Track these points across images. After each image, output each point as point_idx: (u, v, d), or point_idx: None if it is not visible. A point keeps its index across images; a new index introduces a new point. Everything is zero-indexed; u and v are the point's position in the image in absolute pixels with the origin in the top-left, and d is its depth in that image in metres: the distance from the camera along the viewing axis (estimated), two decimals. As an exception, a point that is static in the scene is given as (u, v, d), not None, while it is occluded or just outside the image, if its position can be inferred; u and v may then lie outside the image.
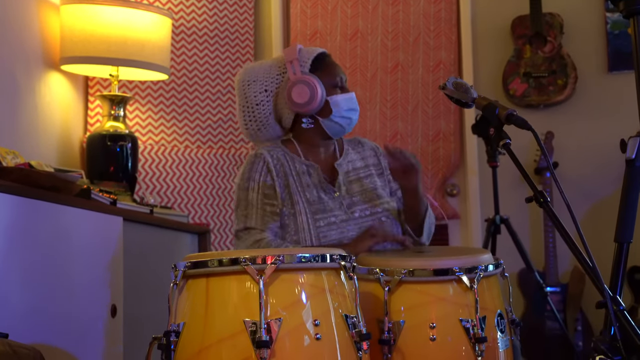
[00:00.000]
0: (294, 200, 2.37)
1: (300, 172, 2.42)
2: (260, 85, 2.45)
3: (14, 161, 2.74)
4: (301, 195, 2.38)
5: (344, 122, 2.44)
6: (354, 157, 2.53)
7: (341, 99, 2.42)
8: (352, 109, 2.45)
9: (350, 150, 2.55)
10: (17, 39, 3.12)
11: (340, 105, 2.42)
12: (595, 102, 4.03)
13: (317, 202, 2.37)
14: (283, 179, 2.39)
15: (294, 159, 2.44)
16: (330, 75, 2.44)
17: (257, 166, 2.40)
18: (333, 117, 2.42)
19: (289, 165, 2.43)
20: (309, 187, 2.39)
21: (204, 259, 1.80)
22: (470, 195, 4.08)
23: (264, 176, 2.39)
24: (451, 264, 1.99)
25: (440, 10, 4.14)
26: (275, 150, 2.45)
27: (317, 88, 2.38)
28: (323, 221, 2.35)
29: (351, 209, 2.40)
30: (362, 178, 2.49)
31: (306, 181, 2.41)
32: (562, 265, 3.88)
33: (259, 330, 1.68)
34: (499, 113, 1.99)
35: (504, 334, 2.03)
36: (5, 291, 2.11)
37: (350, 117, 2.44)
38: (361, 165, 2.52)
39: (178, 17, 3.94)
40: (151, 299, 2.90)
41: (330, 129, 2.44)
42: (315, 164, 2.44)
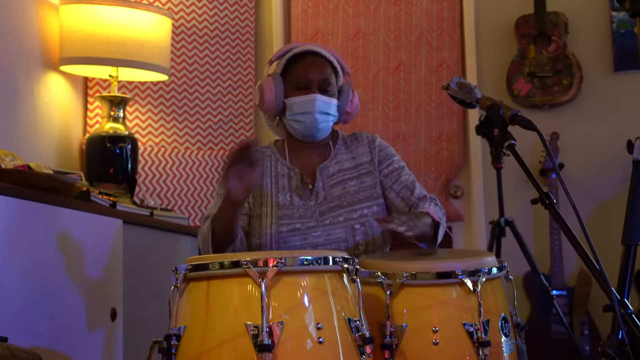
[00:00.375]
0: (263, 201, 2.37)
1: (280, 174, 2.42)
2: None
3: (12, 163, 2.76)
4: (272, 197, 2.37)
5: (298, 126, 2.40)
6: (343, 158, 2.48)
7: (295, 101, 2.38)
8: (304, 112, 2.38)
9: (342, 149, 2.50)
10: (15, 39, 3.12)
11: (293, 108, 2.39)
12: (601, 103, 4.01)
13: (286, 207, 2.36)
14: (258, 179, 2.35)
15: (277, 160, 2.45)
16: (296, 77, 2.40)
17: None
18: (287, 120, 2.42)
19: (271, 166, 2.44)
20: (283, 190, 2.38)
21: (205, 261, 1.80)
22: (474, 197, 4.06)
23: None
24: (454, 267, 1.97)
25: (443, 10, 4.12)
26: (262, 151, 2.46)
27: (265, 90, 2.38)
28: (286, 227, 2.34)
29: (323, 216, 2.36)
30: (347, 180, 2.43)
31: (282, 184, 2.40)
32: (568, 267, 3.87)
33: (260, 334, 1.68)
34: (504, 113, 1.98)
35: (509, 338, 2.00)
36: (4, 294, 2.12)
37: (302, 121, 2.38)
38: (350, 165, 2.47)
39: (178, 17, 3.93)
40: (151, 302, 2.91)
41: (292, 131, 2.44)
42: (296, 168, 2.43)
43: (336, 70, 2.46)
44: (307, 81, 2.39)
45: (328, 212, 2.37)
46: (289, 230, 2.33)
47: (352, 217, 2.37)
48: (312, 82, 2.39)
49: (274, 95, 2.38)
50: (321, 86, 2.40)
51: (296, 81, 2.39)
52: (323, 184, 2.41)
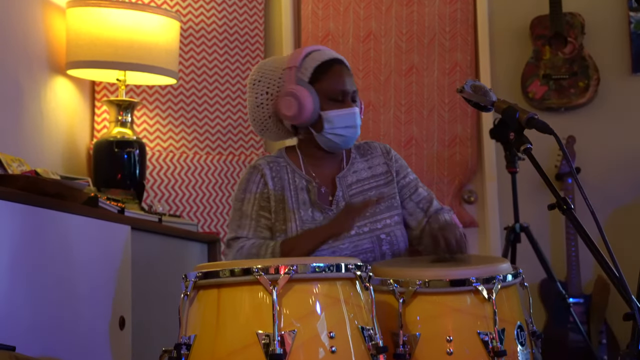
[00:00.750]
0: (287, 217, 2.33)
1: (298, 187, 2.37)
2: (263, 85, 2.40)
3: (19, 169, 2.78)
4: (295, 212, 2.33)
5: (337, 140, 2.34)
6: (360, 167, 2.45)
7: (335, 115, 2.32)
8: (348, 127, 2.33)
9: (357, 158, 2.47)
10: (21, 43, 3.12)
11: (334, 121, 2.32)
12: (619, 105, 3.98)
13: (309, 222, 2.32)
14: (280, 192, 2.35)
15: (294, 172, 2.40)
16: (330, 88, 2.33)
17: (254, 177, 2.38)
18: (325, 133, 2.33)
19: (289, 179, 2.38)
20: (304, 205, 2.34)
21: (215, 269, 1.80)
22: (488, 202, 4.03)
23: (260, 187, 2.36)
24: (468, 274, 1.96)
25: (456, 11, 4.09)
26: (277, 161, 2.41)
27: (305, 102, 2.29)
28: None
29: None
30: (366, 190, 2.41)
31: (303, 198, 2.36)
32: (585, 274, 3.84)
33: (272, 343, 1.67)
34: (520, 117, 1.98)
35: (525, 347, 1.99)
36: (11, 302, 2.12)
37: (344, 135, 2.34)
38: (367, 175, 2.44)
39: (186, 19, 3.91)
40: (160, 309, 2.91)
41: (324, 144, 2.37)
42: (314, 181, 2.38)
43: None
44: (344, 93, 2.34)
45: None
46: None
47: (377, 227, 2.35)
48: (347, 94, 2.35)
49: (312, 108, 2.30)
50: (353, 98, 2.37)
51: (331, 93, 2.33)
52: (343, 193, 2.38)
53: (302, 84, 2.32)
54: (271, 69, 2.41)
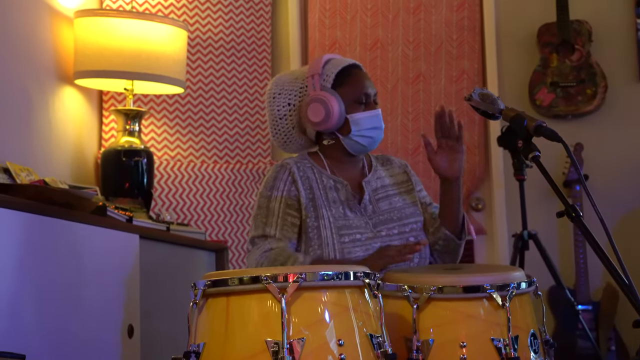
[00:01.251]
0: (319, 213, 2.33)
1: (327, 186, 2.38)
2: (284, 98, 2.44)
3: (28, 178, 2.78)
4: (327, 209, 2.34)
5: (364, 141, 2.39)
6: (382, 174, 2.49)
7: (362, 117, 2.36)
8: (374, 128, 2.38)
9: (379, 167, 2.51)
10: (30, 53, 3.13)
11: (360, 123, 2.36)
12: (626, 112, 3.97)
13: (342, 218, 2.33)
14: (309, 191, 2.36)
15: (321, 172, 2.41)
16: (354, 91, 2.38)
17: (282, 175, 2.38)
18: (352, 136, 2.37)
19: (316, 178, 2.40)
20: (335, 203, 2.36)
21: (224, 277, 1.79)
22: (496, 209, 4.02)
23: (288, 186, 2.36)
24: (482, 281, 1.96)
25: (463, 19, 4.09)
26: (303, 162, 2.42)
27: (333, 107, 2.33)
28: (348, 237, 2.31)
29: (378, 228, 2.36)
30: (390, 196, 2.44)
31: (332, 196, 2.37)
32: (593, 282, 3.82)
33: (281, 351, 1.67)
34: (528, 124, 1.97)
35: (538, 355, 1.98)
36: (21, 311, 2.12)
37: (371, 137, 2.39)
38: (390, 182, 2.47)
39: (194, 29, 3.92)
40: (168, 318, 2.91)
41: (351, 147, 2.40)
42: (343, 181, 2.40)
43: None
44: (367, 96, 2.39)
45: (381, 224, 2.36)
46: (351, 240, 2.31)
47: (405, 230, 2.38)
48: (369, 97, 2.40)
49: (339, 112, 2.34)
50: (375, 100, 2.42)
51: (355, 96, 2.37)
52: (370, 197, 2.40)
53: (326, 89, 2.36)
54: (289, 80, 2.45)
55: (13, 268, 2.10)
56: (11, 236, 2.10)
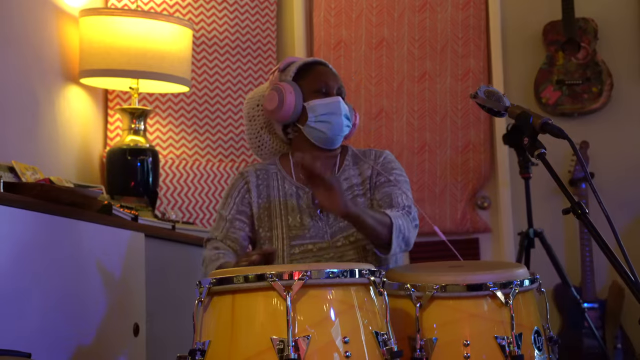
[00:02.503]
0: (273, 223, 2.33)
1: (287, 193, 2.37)
2: (255, 100, 2.48)
3: (33, 177, 2.78)
4: (282, 219, 2.33)
5: (323, 127, 2.34)
6: (352, 174, 2.42)
7: (318, 104, 2.34)
8: (331, 113, 2.34)
9: (350, 165, 2.44)
10: (35, 52, 3.13)
11: (316, 110, 2.34)
12: (632, 110, 3.96)
13: (297, 227, 2.31)
14: (265, 200, 2.36)
15: (284, 179, 2.40)
16: (313, 82, 2.37)
17: (238, 184, 2.41)
18: (309, 123, 2.35)
19: (278, 185, 2.39)
20: (293, 212, 2.33)
21: (229, 275, 1.79)
22: (502, 207, 4.01)
23: (242, 194, 2.38)
24: (485, 279, 1.96)
25: (469, 17, 4.08)
26: (267, 169, 2.42)
27: (286, 93, 2.33)
28: (299, 248, 2.29)
29: (335, 237, 2.31)
30: (356, 197, 2.37)
31: (292, 204, 2.35)
32: (599, 279, 3.81)
33: (286, 348, 1.67)
34: (534, 122, 1.97)
35: (542, 352, 1.99)
36: (26, 309, 2.13)
37: (329, 121, 2.33)
38: (358, 182, 2.40)
39: (199, 27, 3.92)
40: (174, 316, 2.91)
41: (312, 136, 2.37)
42: (305, 187, 2.35)
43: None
44: (327, 86, 2.37)
45: (339, 232, 2.31)
46: (301, 252, 2.29)
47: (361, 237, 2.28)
48: (331, 88, 2.38)
49: (293, 99, 2.33)
50: (339, 92, 2.40)
51: (315, 86, 2.36)
52: None
53: (285, 81, 2.38)
54: (262, 87, 2.49)
55: (19, 266, 2.10)
56: (17, 235, 2.10)
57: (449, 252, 2.50)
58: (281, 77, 2.41)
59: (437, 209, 3.98)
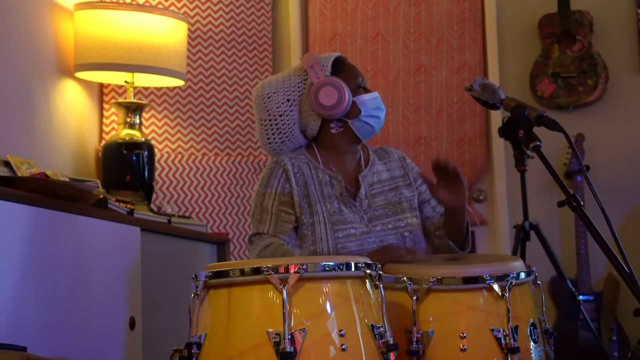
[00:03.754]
0: (313, 209, 2.33)
1: (322, 182, 2.38)
2: (282, 95, 2.42)
3: (29, 171, 2.78)
4: (322, 205, 2.34)
5: (373, 122, 2.40)
6: (380, 169, 2.47)
7: (368, 98, 2.39)
8: (379, 108, 2.42)
9: (376, 160, 2.49)
10: (30, 46, 3.12)
11: (367, 104, 2.39)
12: (628, 103, 3.96)
13: (337, 213, 2.33)
14: (303, 188, 2.36)
15: (317, 167, 2.41)
16: (352, 77, 2.41)
17: (276, 172, 2.37)
18: (362, 117, 2.38)
19: (312, 174, 2.39)
20: (330, 198, 2.35)
21: (225, 268, 1.79)
22: (497, 200, 4.02)
23: (282, 183, 2.36)
24: (481, 272, 1.96)
25: (464, 10, 4.08)
26: (298, 158, 2.42)
27: (345, 89, 2.35)
28: (342, 232, 2.30)
29: (372, 223, 2.35)
30: (386, 191, 2.43)
31: (328, 192, 2.37)
32: (595, 272, 3.82)
33: (282, 341, 1.67)
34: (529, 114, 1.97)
35: (537, 344, 1.99)
36: (22, 303, 2.13)
37: (378, 116, 2.41)
38: (387, 177, 2.46)
39: (194, 21, 3.91)
40: (170, 310, 2.91)
41: (360, 130, 2.40)
42: (338, 175, 2.39)
43: None
44: (363, 82, 2.44)
45: (376, 219, 2.35)
46: (345, 235, 2.30)
47: (400, 225, 2.36)
48: (364, 82, 2.46)
49: (349, 94, 2.36)
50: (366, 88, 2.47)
51: (356, 81, 2.41)
52: (365, 192, 2.39)
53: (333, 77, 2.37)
54: (282, 79, 2.44)
55: (14, 261, 2.10)
56: (12, 229, 2.10)
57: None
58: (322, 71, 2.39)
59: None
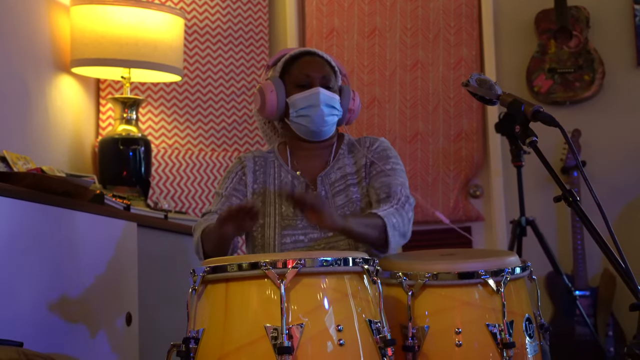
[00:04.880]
0: (266, 211, 2.32)
1: (283, 182, 2.37)
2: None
3: (25, 167, 2.77)
4: (276, 207, 2.32)
5: (304, 121, 2.33)
6: (346, 162, 2.40)
7: (297, 98, 2.33)
8: (310, 106, 2.31)
9: (345, 153, 2.42)
10: (26, 42, 3.11)
11: (296, 104, 2.33)
12: (624, 98, 3.95)
13: (290, 217, 2.30)
14: (261, 186, 2.36)
15: (281, 167, 2.40)
16: (296, 75, 2.36)
17: (235, 168, 2.42)
18: (292, 118, 2.35)
19: (274, 173, 2.39)
20: (287, 201, 2.31)
21: (223, 263, 1.80)
22: (494, 196, 4.01)
23: (238, 177, 2.39)
24: (477, 267, 1.97)
25: (461, 5, 4.08)
26: (265, 156, 2.43)
27: (266, 93, 2.34)
28: (290, 238, 2.28)
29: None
30: (349, 186, 2.35)
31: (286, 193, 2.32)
32: (591, 267, 3.82)
33: (280, 336, 1.68)
34: (525, 109, 1.97)
35: (533, 339, 2.00)
36: (19, 299, 2.13)
37: (307, 115, 2.31)
38: (352, 170, 2.39)
39: (190, 16, 3.90)
40: (167, 305, 2.91)
41: (298, 130, 2.37)
42: (300, 177, 2.37)
43: (334, 70, 2.41)
44: (308, 78, 2.34)
45: None
46: (292, 242, 2.28)
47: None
48: (313, 79, 2.34)
49: (275, 97, 2.33)
50: (322, 83, 2.35)
51: (296, 80, 2.35)
52: (326, 192, 2.34)
53: (272, 79, 2.37)
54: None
55: (11, 256, 2.09)
56: (9, 224, 2.10)
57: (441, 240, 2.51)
58: (269, 73, 2.42)
59: (429, 198, 3.98)
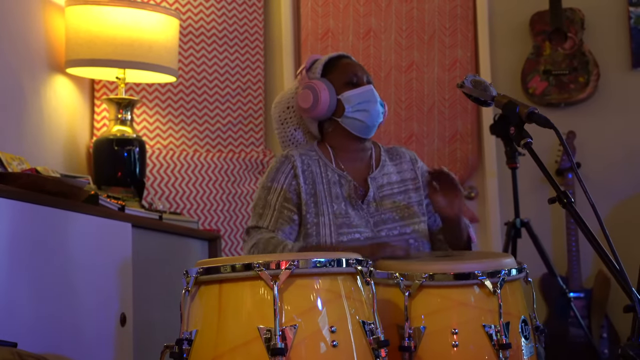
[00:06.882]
0: (319, 210, 2.32)
1: (331, 181, 2.37)
2: (284, 103, 2.51)
3: (19, 167, 2.77)
4: (328, 206, 2.33)
5: (361, 116, 2.38)
6: (390, 170, 2.46)
7: (353, 94, 2.38)
8: (367, 101, 2.38)
9: (387, 161, 2.48)
10: (21, 42, 3.11)
11: (352, 100, 2.37)
12: (619, 100, 3.96)
13: (343, 216, 2.32)
14: (311, 186, 2.35)
15: (327, 166, 2.40)
16: (343, 74, 2.41)
17: (284, 167, 2.37)
18: (347, 114, 2.38)
19: (321, 172, 2.39)
20: (337, 199, 2.34)
21: (216, 264, 1.79)
22: (489, 197, 4.02)
23: (289, 179, 2.36)
24: (473, 268, 1.97)
25: (456, 7, 4.08)
26: (309, 155, 2.41)
27: (320, 89, 2.36)
28: (346, 236, 2.30)
29: (378, 227, 2.34)
30: (396, 194, 2.42)
31: (336, 192, 2.35)
32: (585, 269, 3.83)
33: (273, 338, 1.67)
34: (520, 111, 1.97)
35: (529, 341, 2.00)
36: (13, 299, 2.12)
37: (365, 110, 2.37)
38: (397, 179, 2.45)
39: (186, 17, 3.90)
40: (161, 306, 2.91)
41: (350, 126, 2.39)
42: (348, 176, 2.38)
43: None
44: (357, 77, 2.41)
45: (382, 223, 2.34)
46: (349, 240, 2.29)
47: (406, 231, 2.36)
48: (361, 78, 2.41)
49: (328, 94, 2.36)
50: (368, 80, 2.43)
51: (345, 78, 2.39)
52: (374, 194, 2.38)
53: (318, 78, 2.40)
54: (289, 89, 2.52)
55: (5, 256, 2.09)
56: (3, 225, 2.09)
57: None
58: (309, 75, 2.42)
59: (424, 199, 3.99)
